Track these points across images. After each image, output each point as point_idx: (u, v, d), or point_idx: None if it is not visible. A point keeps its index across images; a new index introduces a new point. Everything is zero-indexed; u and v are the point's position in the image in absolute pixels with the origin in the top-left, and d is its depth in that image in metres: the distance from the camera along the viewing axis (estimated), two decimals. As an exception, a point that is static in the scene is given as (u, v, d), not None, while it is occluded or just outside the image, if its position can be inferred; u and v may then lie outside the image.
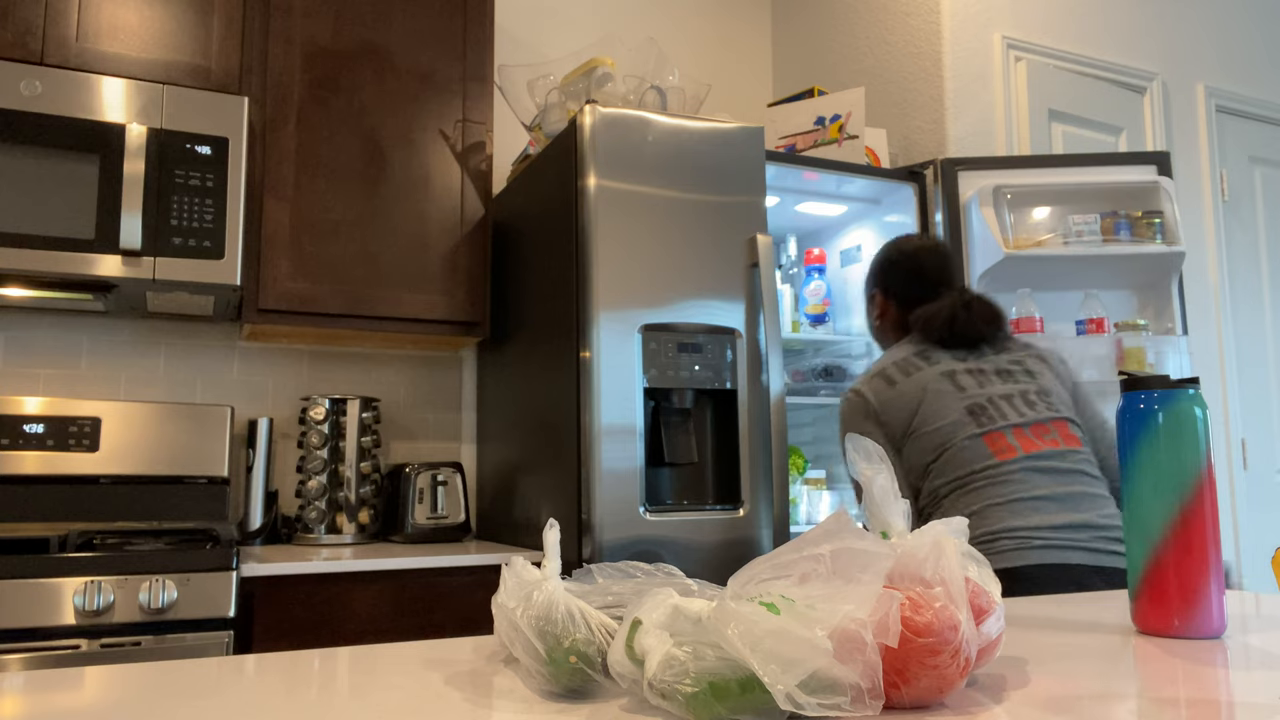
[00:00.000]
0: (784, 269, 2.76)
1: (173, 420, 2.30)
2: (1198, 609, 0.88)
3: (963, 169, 2.55)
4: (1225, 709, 0.62)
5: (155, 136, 2.05)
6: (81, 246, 1.96)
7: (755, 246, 2.09)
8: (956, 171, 2.55)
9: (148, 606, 1.69)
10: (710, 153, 2.10)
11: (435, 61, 2.43)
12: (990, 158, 2.56)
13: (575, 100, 2.28)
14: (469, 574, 2.03)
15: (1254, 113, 3.29)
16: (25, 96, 1.96)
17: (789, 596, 0.58)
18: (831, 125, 2.62)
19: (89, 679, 0.74)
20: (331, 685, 0.71)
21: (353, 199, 2.30)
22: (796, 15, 3.31)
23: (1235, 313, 3.14)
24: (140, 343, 2.40)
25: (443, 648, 0.86)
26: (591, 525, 1.88)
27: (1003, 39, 2.73)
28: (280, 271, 2.21)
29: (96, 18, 2.10)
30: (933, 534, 0.68)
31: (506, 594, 0.73)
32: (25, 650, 1.63)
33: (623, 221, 1.99)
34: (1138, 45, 3.03)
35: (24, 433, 2.16)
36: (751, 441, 2.04)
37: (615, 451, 1.91)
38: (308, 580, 1.88)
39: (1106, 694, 0.66)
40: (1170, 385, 0.91)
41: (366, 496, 2.34)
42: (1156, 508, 0.90)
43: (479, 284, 2.41)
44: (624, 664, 0.62)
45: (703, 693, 0.57)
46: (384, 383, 2.64)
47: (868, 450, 0.72)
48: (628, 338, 1.96)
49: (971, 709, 0.62)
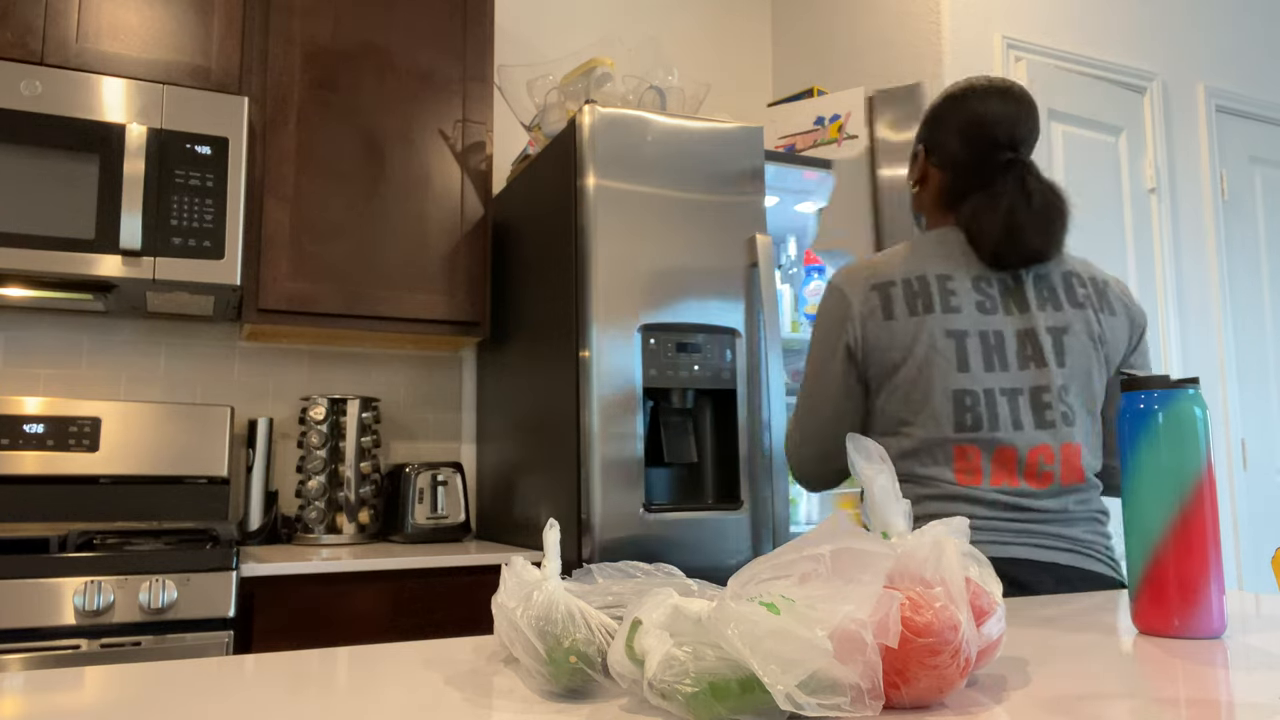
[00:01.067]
0: (784, 269, 2.76)
1: (173, 420, 2.30)
2: (1198, 609, 0.88)
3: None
4: (1225, 709, 0.62)
5: (155, 136, 2.05)
6: (81, 246, 1.96)
7: (755, 246, 2.09)
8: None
9: (148, 606, 1.69)
10: (710, 153, 2.10)
11: (435, 61, 2.43)
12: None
13: (575, 100, 2.28)
14: (469, 574, 2.03)
15: (1254, 113, 3.29)
16: (25, 96, 1.96)
17: (789, 596, 0.58)
18: (831, 125, 2.62)
19: (89, 679, 0.74)
20: (331, 685, 0.71)
21: (352, 199, 2.30)
22: (796, 15, 3.31)
23: (1235, 313, 3.14)
24: (140, 343, 2.40)
25: (442, 648, 0.86)
26: (591, 525, 1.88)
27: (1003, 39, 2.73)
28: (280, 271, 2.21)
29: (96, 18, 2.10)
30: (933, 534, 0.68)
31: (506, 594, 0.73)
32: (25, 650, 1.63)
33: (622, 221, 1.99)
34: (1138, 45, 3.03)
35: (24, 433, 2.16)
36: (751, 441, 2.04)
37: (615, 451, 1.91)
38: (307, 580, 1.88)
39: (1106, 694, 0.66)
40: (1170, 385, 0.91)
41: (366, 496, 2.34)
42: (1156, 508, 0.90)
43: (479, 284, 2.41)
44: (624, 664, 0.62)
45: (703, 693, 0.57)
46: (384, 383, 2.64)
47: (868, 450, 0.72)
48: (627, 337, 1.96)
49: (971, 709, 0.62)
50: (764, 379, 2.07)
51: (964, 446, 1.33)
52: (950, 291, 1.36)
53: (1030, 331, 1.35)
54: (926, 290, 1.36)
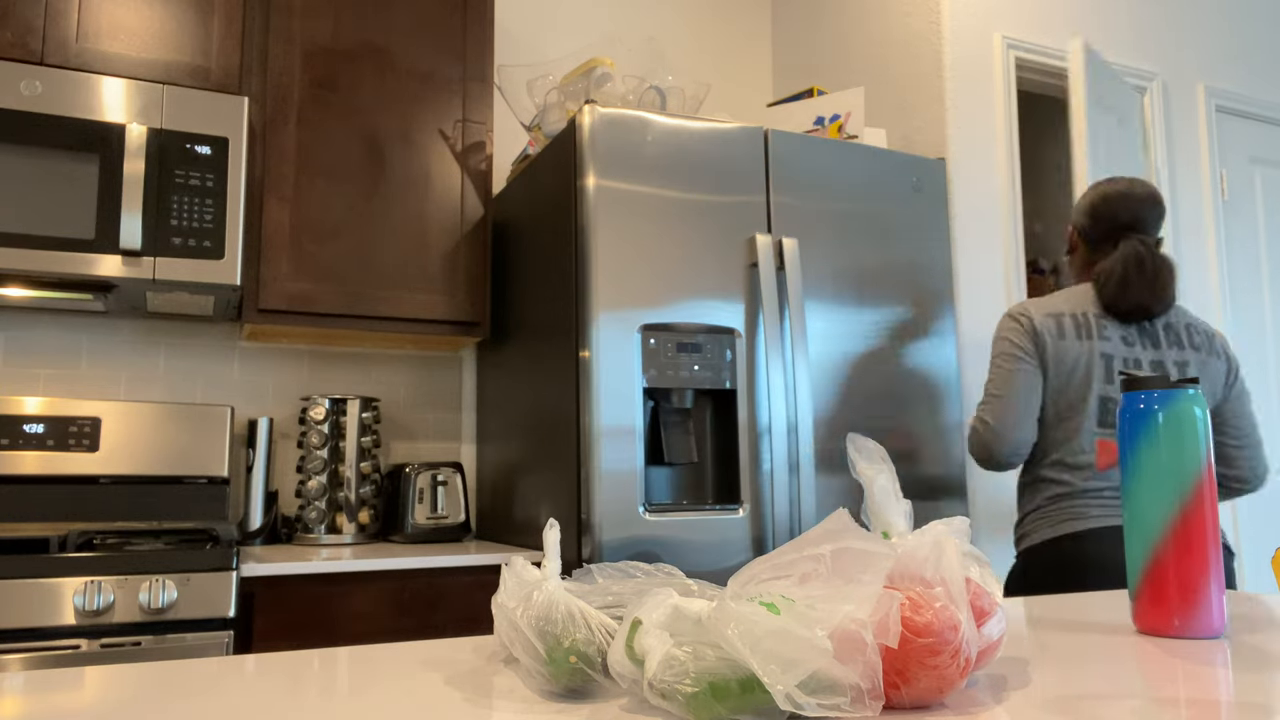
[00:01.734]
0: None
1: (173, 420, 2.30)
2: (1198, 609, 0.88)
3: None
4: (1225, 709, 0.62)
5: (155, 136, 2.05)
6: (81, 246, 1.96)
7: (755, 246, 2.10)
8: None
9: (148, 606, 1.69)
10: (710, 153, 2.10)
11: (435, 61, 2.43)
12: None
13: (575, 100, 2.28)
14: (469, 574, 2.03)
15: (1254, 113, 3.29)
16: (25, 96, 1.96)
17: (789, 596, 0.58)
18: (831, 125, 2.62)
19: (89, 679, 0.74)
20: (331, 685, 0.71)
21: (352, 199, 2.30)
22: (796, 15, 3.31)
23: (1235, 313, 3.14)
24: (140, 343, 2.40)
25: (442, 648, 0.86)
26: (591, 525, 1.88)
27: (1003, 39, 2.73)
28: (280, 271, 2.21)
29: (96, 18, 2.10)
30: (933, 534, 0.68)
31: (507, 594, 0.73)
32: (25, 650, 1.63)
33: (622, 221, 1.99)
34: (1138, 45, 3.03)
35: (24, 433, 2.16)
36: (751, 442, 2.04)
37: (615, 451, 1.91)
38: (308, 580, 1.88)
39: (1106, 694, 0.66)
40: (1170, 385, 0.91)
41: (366, 496, 2.34)
42: (1156, 508, 0.90)
43: (479, 284, 2.41)
44: (624, 664, 0.62)
45: (703, 693, 0.57)
46: (384, 383, 2.64)
47: (869, 450, 0.72)
48: (627, 337, 1.96)
49: (972, 709, 0.62)
50: (764, 379, 2.07)
51: (1105, 441, 1.82)
52: (1103, 325, 1.87)
53: (1159, 362, 1.86)
54: (1087, 323, 1.87)
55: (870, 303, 2.23)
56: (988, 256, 2.58)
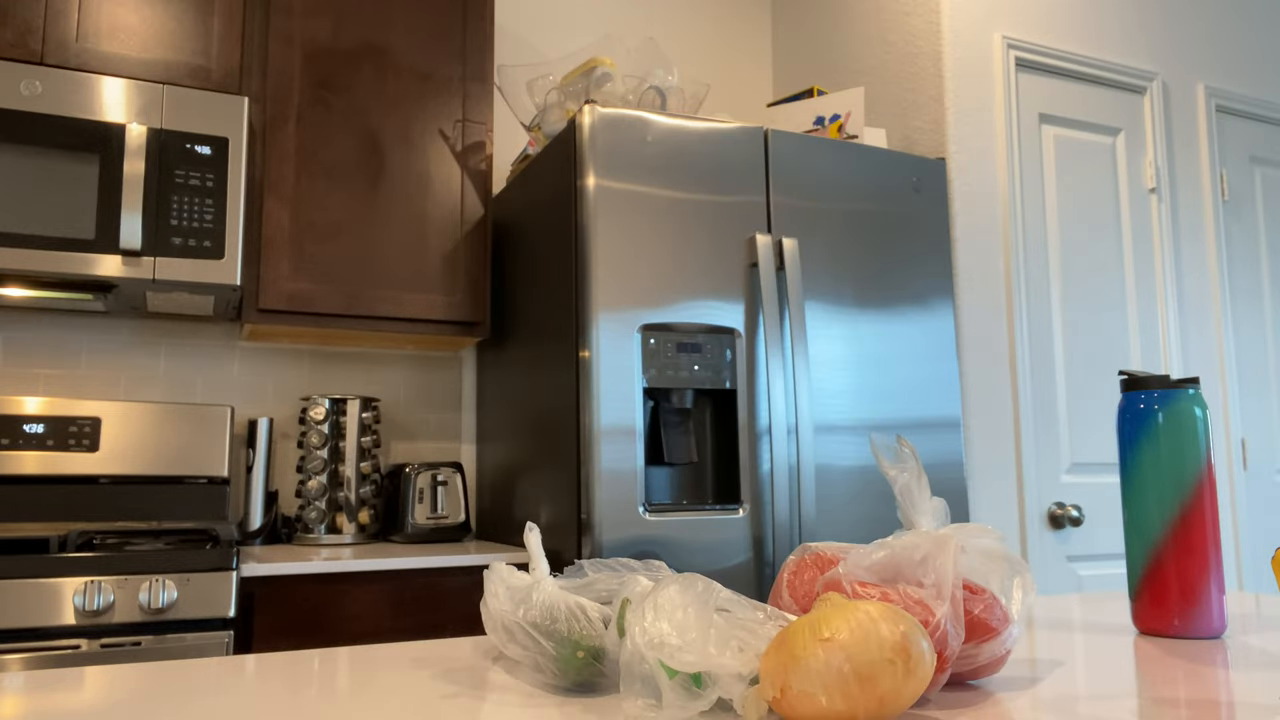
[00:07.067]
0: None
1: (173, 420, 2.30)
2: (1198, 609, 0.88)
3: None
4: (1225, 709, 0.62)
5: (155, 136, 2.05)
6: (81, 246, 1.96)
7: (755, 246, 2.10)
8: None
9: (148, 606, 1.69)
10: (710, 153, 2.10)
11: (435, 61, 2.43)
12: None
13: (574, 100, 2.28)
14: (469, 574, 2.03)
15: (1254, 113, 3.29)
16: (25, 96, 1.96)
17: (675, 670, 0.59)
18: (831, 125, 2.62)
19: (89, 679, 0.74)
20: (331, 685, 0.71)
21: (352, 199, 2.30)
22: (796, 15, 3.31)
23: (1235, 313, 3.14)
24: (140, 343, 2.40)
25: (442, 647, 0.87)
26: (591, 525, 1.88)
27: (1003, 39, 2.73)
28: (280, 271, 2.21)
29: (96, 18, 2.10)
30: (935, 534, 0.68)
31: (497, 598, 0.74)
32: (25, 650, 1.63)
33: (622, 221, 1.99)
34: (1138, 45, 3.03)
35: (24, 433, 2.16)
36: (751, 442, 2.04)
37: (615, 451, 1.91)
38: (308, 580, 1.88)
39: (1106, 694, 0.66)
40: (1170, 385, 0.91)
41: (366, 496, 2.34)
42: (1156, 508, 0.90)
43: (479, 284, 2.41)
44: (616, 642, 0.64)
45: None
46: (384, 383, 2.64)
47: (895, 450, 0.72)
48: (627, 337, 1.96)
49: (971, 709, 0.62)
50: (764, 379, 2.07)
51: None
52: None
53: None
54: None
55: (870, 303, 2.23)
56: (988, 256, 2.58)
